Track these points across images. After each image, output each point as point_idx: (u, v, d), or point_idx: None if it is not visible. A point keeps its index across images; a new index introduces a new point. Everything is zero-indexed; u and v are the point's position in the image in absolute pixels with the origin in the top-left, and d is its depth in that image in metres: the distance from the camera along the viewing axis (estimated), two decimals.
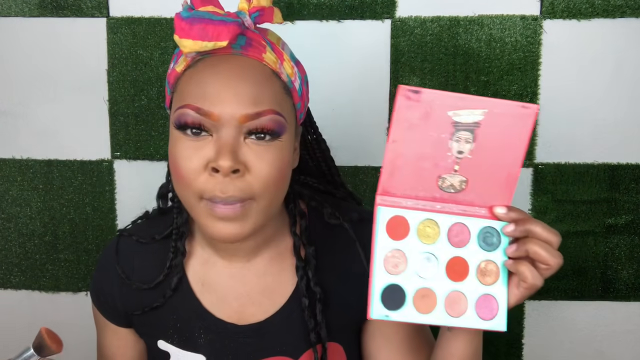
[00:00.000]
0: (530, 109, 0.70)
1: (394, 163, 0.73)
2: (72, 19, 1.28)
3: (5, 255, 1.36)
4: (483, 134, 0.71)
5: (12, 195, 1.34)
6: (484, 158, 0.72)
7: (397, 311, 0.73)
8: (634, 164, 1.27)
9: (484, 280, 0.74)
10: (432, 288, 0.74)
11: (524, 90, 1.26)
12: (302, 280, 0.87)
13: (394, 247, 0.74)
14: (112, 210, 1.33)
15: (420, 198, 0.75)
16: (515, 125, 0.70)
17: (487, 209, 0.75)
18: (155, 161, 1.32)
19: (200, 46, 0.73)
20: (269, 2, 0.81)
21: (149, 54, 1.28)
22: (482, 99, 0.70)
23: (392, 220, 0.74)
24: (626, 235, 1.30)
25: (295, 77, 0.81)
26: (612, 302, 1.32)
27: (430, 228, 0.75)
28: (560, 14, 1.24)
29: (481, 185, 0.73)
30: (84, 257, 1.35)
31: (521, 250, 0.72)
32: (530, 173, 1.28)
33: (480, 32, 1.25)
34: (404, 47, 1.26)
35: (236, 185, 0.74)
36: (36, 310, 1.37)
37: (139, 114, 1.30)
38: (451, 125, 0.70)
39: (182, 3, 0.79)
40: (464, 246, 0.75)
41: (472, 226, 0.75)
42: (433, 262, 0.74)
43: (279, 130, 0.76)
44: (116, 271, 0.92)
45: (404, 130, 0.71)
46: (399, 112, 0.70)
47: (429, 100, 0.69)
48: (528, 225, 0.72)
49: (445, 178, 0.73)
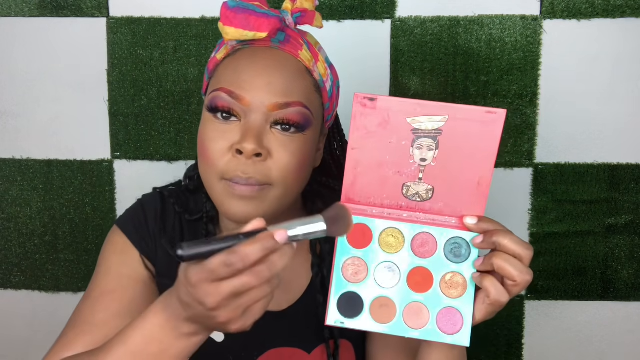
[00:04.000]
0: (497, 113, 0.68)
1: (355, 170, 0.72)
2: (72, 19, 1.28)
3: (5, 255, 1.36)
4: (446, 141, 0.69)
5: (12, 195, 1.34)
6: (449, 165, 0.70)
7: (353, 319, 0.72)
8: (634, 164, 1.27)
9: (448, 292, 0.72)
10: (391, 298, 0.72)
11: (524, 90, 1.26)
12: (317, 277, 0.89)
13: (354, 255, 0.73)
14: (112, 210, 1.33)
15: (385, 206, 0.73)
16: (481, 131, 0.68)
17: (458, 218, 0.72)
18: (155, 161, 1.32)
19: (241, 34, 0.78)
20: (311, 6, 0.85)
21: (149, 54, 1.28)
22: (443, 105, 0.68)
23: (354, 228, 0.73)
24: (626, 235, 1.30)
25: (327, 78, 0.85)
26: (612, 302, 1.32)
27: (393, 237, 0.73)
28: (560, 14, 1.24)
29: (449, 194, 0.71)
30: (84, 257, 1.35)
31: (487, 264, 0.70)
32: (530, 173, 1.28)
33: (480, 32, 1.25)
34: (404, 47, 1.26)
35: (257, 169, 0.77)
36: (36, 310, 1.37)
37: (139, 114, 1.30)
38: (411, 133, 0.69)
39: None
40: (429, 257, 0.73)
41: (439, 236, 0.73)
42: (395, 271, 0.73)
43: (305, 123, 0.79)
44: (157, 219, 0.90)
45: (362, 137, 0.70)
46: (356, 119, 0.69)
47: (386, 108, 0.68)
48: (496, 237, 0.70)
49: (409, 186, 0.72)
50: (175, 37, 1.27)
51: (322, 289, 0.89)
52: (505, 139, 1.28)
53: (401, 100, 0.68)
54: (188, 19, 1.27)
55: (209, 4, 1.26)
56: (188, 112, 1.30)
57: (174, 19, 1.27)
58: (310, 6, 0.85)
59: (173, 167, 1.32)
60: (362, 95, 0.69)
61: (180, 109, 1.30)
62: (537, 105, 1.26)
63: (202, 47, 1.27)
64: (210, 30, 1.27)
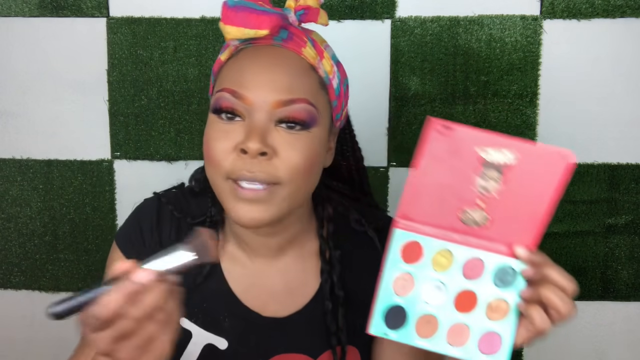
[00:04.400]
0: (566, 156, 0.69)
1: (416, 190, 0.73)
2: (72, 19, 1.28)
3: (5, 255, 1.36)
4: (511, 174, 0.70)
5: (12, 195, 1.34)
6: (509, 198, 0.71)
7: (397, 331, 0.74)
8: (634, 164, 1.27)
9: (491, 316, 0.74)
10: (436, 315, 0.74)
11: (524, 90, 1.26)
12: (327, 283, 0.88)
13: (404, 270, 0.75)
14: (112, 210, 1.33)
15: (439, 227, 0.74)
16: (546, 169, 0.70)
17: (508, 246, 0.74)
18: (155, 161, 1.32)
19: (242, 33, 0.77)
20: (315, 3, 0.84)
21: (149, 54, 1.28)
22: (516, 141, 0.69)
23: (408, 244, 0.75)
24: (626, 235, 1.30)
25: (333, 76, 0.84)
26: (612, 302, 1.32)
27: (444, 257, 0.75)
28: (560, 14, 1.24)
29: (504, 223, 0.73)
30: (84, 257, 1.35)
31: (535, 294, 0.72)
32: None
33: (480, 32, 1.25)
34: (404, 47, 1.26)
35: (263, 167, 0.76)
36: (36, 310, 1.37)
37: (139, 114, 1.30)
38: (479, 163, 0.70)
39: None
40: (477, 280, 0.74)
41: (488, 262, 0.74)
42: (442, 290, 0.75)
43: (310, 121, 0.78)
44: (153, 230, 0.90)
45: (430, 160, 0.71)
46: (428, 143, 0.70)
47: (460, 137, 0.70)
48: (546, 270, 0.72)
49: (467, 212, 0.73)
50: (175, 37, 1.27)
51: (331, 296, 0.88)
52: None
53: (475, 131, 0.69)
54: (188, 19, 1.27)
55: (209, 4, 1.26)
56: (188, 112, 1.30)
57: (174, 19, 1.27)
58: (314, 3, 0.84)
59: (173, 167, 1.32)
60: (439, 121, 0.69)
61: (180, 109, 1.30)
62: (537, 105, 1.26)
63: (202, 47, 1.27)
64: (210, 30, 1.27)
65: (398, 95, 1.27)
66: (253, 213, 0.77)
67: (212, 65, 0.82)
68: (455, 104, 1.27)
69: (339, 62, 0.87)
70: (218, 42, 1.27)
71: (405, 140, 1.28)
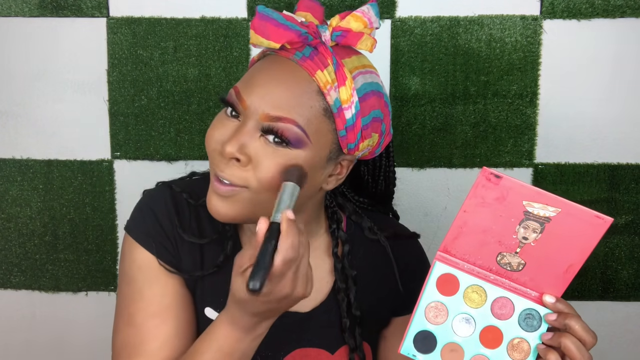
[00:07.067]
0: (604, 220, 0.74)
1: (460, 229, 0.78)
2: (72, 19, 1.28)
3: (5, 255, 1.36)
4: (551, 229, 0.75)
5: (12, 195, 1.34)
6: (546, 249, 0.76)
7: (425, 355, 0.81)
8: (634, 164, 1.27)
9: (512, 354, 0.80)
10: (462, 345, 0.80)
11: (524, 90, 1.26)
12: (340, 279, 0.92)
13: (438, 300, 0.81)
14: (112, 210, 1.33)
15: (477, 265, 0.80)
16: (585, 229, 0.75)
17: (537, 293, 0.79)
18: (155, 161, 1.32)
19: (258, 41, 0.80)
20: (359, 28, 0.82)
21: (149, 54, 1.28)
22: (560, 199, 0.74)
23: (445, 276, 0.81)
24: (626, 235, 1.30)
25: (349, 105, 0.80)
26: (612, 302, 1.32)
27: (477, 294, 0.81)
28: (560, 14, 1.24)
29: (537, 272, 0.78)
30: (84, 257, 1.35)
31: (556, 341, 0.77)
32: (530, 173, 1.29)
33: (480, 32, 1.25)
34: (404, 47, 1.26)
35: (233, 171, 0.79)
36: (36, 310, 1.37)
37: (139, 114, 1.30)
38: (522, 213, 0.75)
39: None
40: (504, 319, 0.80)
41: (517, 304, 0.80)
42: (471, 324, 0.81)
43: (294, 142, 0.78)
44: (173, 219, 0.89)
45: (476, 204, 0.76)
46: (477, 189, 0.75)
47: (507, 187, 0.74)
48: (569, 320, 0.76)
49: (505, 255, 0.78)
50: (175, 37, 1.28)
51: (346, 290, 0.91)
52: (505, 138, 1.28)
53: (523, 184, 0.74)
54: (188, 19, 1.27)
55: (209, 4, 1.26)
56: (188, 112, 1.30)
57: (174, 19, 1.27)
58: (357, 27, 0.82)
59: (173, 167, 1.32)
60: (489, 171, 0.74)
61: (180, 109, 1.30)
62: (537, 105, 1.26)
63: (202, 47, 1.28)
64: (210, 30, 1.27)
65: (398, 95, 1.27)
66: (218, 207, 0.80)
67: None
68: (455, 104, 1.27)
69: (371, 94, 0.83)
70: (218, 42, 1.27)
71: (405, 140, 1.28)
